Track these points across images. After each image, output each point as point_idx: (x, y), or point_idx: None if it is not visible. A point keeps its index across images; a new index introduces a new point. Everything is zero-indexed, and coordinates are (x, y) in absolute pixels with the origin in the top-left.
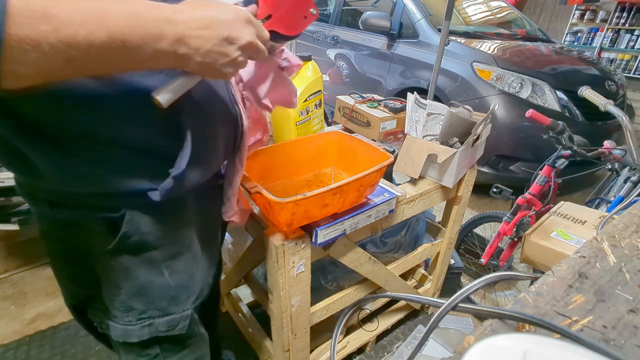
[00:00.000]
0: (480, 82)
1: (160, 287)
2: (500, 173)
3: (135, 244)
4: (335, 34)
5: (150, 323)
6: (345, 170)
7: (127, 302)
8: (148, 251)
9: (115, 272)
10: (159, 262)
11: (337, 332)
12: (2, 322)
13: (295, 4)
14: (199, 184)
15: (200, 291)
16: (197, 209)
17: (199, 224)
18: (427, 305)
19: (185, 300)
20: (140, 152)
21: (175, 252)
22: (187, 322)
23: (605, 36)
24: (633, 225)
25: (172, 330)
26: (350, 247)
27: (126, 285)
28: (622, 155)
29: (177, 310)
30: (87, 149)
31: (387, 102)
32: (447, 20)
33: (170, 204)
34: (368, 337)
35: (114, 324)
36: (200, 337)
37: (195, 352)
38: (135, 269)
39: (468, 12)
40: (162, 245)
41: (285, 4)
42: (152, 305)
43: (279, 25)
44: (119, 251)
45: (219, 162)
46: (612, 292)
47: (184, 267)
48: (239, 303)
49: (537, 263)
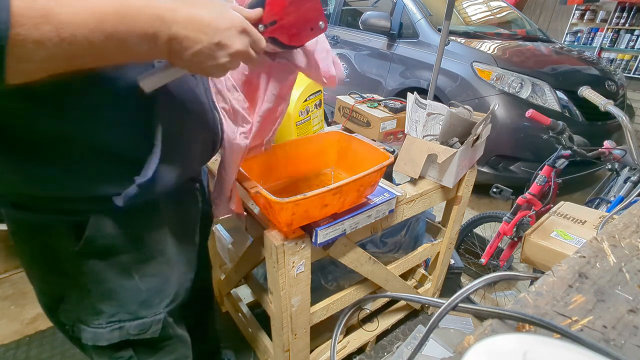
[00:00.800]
0: (480, 82)
1: (130, 290)
2: (500, 173)
3: (101, 247)
4: (335, 34)
5: (121, 326)
6: (345, 170)
7: (96, 305)
8: (116, 255)
9: (84, 275)
10: (128, 266)
11: (337, 332)
12: (2, 322)
13: (303, 14)
14: (169, 189)
15: (175, 295)
16: (171, 212)
17: (173, 227)
18: (427, 305)
19: (158, 304)
20: (107, 156)
21: (145, 255)
22: (160, 326)
23: (605, 36)
24: (633, 225)
25: (144, 333)
26: (350, 247)
27: (95, 289)
28: (622, 155)
29: (148, 314)
30: (48, 151)
31: (387, 102)
32: (447, 20)
33: (138, 207)
34: (368, 337)
35: (84, 326)
36: (178, 339)
37: (171, 353)
38: (104, 272)
39: (468, 12)
40: (131, 249)
41: (293, 12)
42: (122, 308)
43: (282, 34)
44: (86, 254)
45: (194, 167)
46: (612, 292)
47: (156, 271)
48: (239, 303)
49: (537, 263)
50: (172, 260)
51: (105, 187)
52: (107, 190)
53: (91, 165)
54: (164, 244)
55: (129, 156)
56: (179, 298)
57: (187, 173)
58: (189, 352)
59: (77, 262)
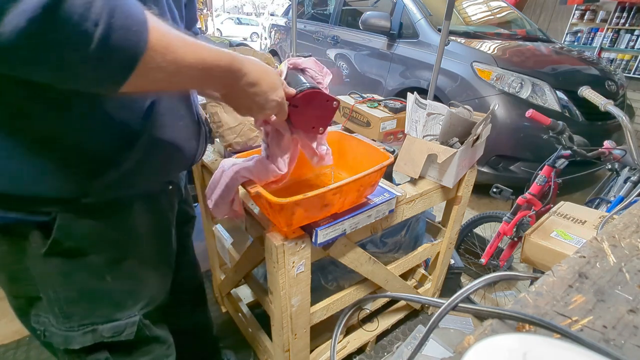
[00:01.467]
0: (480, 82)
1: (102, 293)
2: (500, 173)
3: (70, 248)
4: (335, 34)
5: (94, 329)
6: (345, 170)
7: (67, 308)
8: (86, 256)
9: (52, 277)
10: (99, 267)
11: (337, 332)
12: (2, 322)
13: (317, 116)
14: (142, 192)
15: (150, 298)
16: (144, 213)
17: (147, 228)
18: (427, 305)
19: (132, 307)
20: (86, 158)
21: (117, 256)
22: (135, 329)
23: (605, 36)
24: (633, 225)
25: (118, 336)
26: (350, 247)
27: (65, 291)
28: (622, 155)
29: (122, 316)
30: (27, 147)
31: (387, 102)
32: (447, 20)
33: (110, 208)
34: (368, 337)
35: (55, 330)
36: (156, 340)
37: (148, 354)
38: (73, 274)
39: (468, 12)
40: (102, 250)
41: (312, 110)
42: (94, 311)
43: (295, 117)
44: (53, 256)
45: (172, 175)
46: (612, 292)
47: (129, 273)
48: (239, 303)
49: (537, 263)
50: (146, 261)
51: (77, 187)
52: (77, 190)
53: (70, 165)
54: (136, 244)
55: (109, 159)
56: (156, 300)
57: (163, 178)
58: (168, 352)
59: (45, 264)
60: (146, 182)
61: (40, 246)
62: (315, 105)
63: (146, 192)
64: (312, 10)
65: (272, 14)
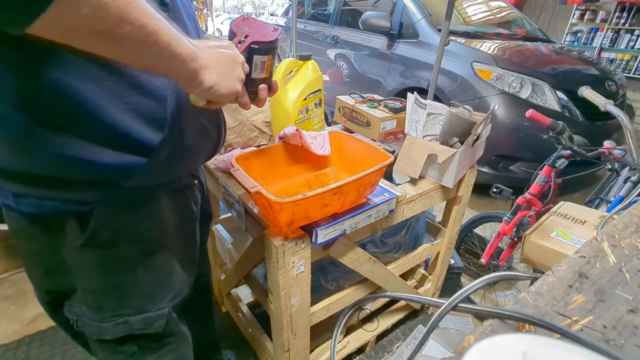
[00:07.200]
0: (480, 82)
1: (135, 284)
2: (500, 173)
3: (105, 240)
4: (335, 34)
5: (125, 320)
6: (345, 170)
7: (101, 299)
8: (120, 248)
9: (87, 268)
10: (132, 259)
11: (337, 332)
12: (2, 322)
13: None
14: (172, 180)
15: (178, 290)
16: (172, 207)
17: (176, 221)
18: (427, 305)
19: (162, 299)
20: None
21: (149, 249)
22: (164, 321)
23: (605, 36)
24: (633, 225)
25: (148, 328)
26: (350, 247)
27: (99, 282)
28: (622, 155)
29: (152, 308)
30: (65, 120)
31: (387, 102)
32: (447, 20)
33: (141, 199)
34: (368, 337)
35: (89, 321)
36: (181, 336)
37: (174, 351)
38: (108, 266)
39: (468, 12)
40: (134, 242)
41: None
42: (126, 302)
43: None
44: (89, 247)
45: (198, 164)
46: (612, 292)
47: (160, 265)
48: (239, 303)
49: (537, 263)
50: (174, 254)
51: (109, 171)
52: (111, 175)
53: (102, 143)
54: (166, 237)
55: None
56: (182, 293)
57: (191, 167)
58: (190, 352)
59: (80, 255)
60: (178, 171)
61: (78, 237)
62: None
63: (175, 185)
64: (312, 10)
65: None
